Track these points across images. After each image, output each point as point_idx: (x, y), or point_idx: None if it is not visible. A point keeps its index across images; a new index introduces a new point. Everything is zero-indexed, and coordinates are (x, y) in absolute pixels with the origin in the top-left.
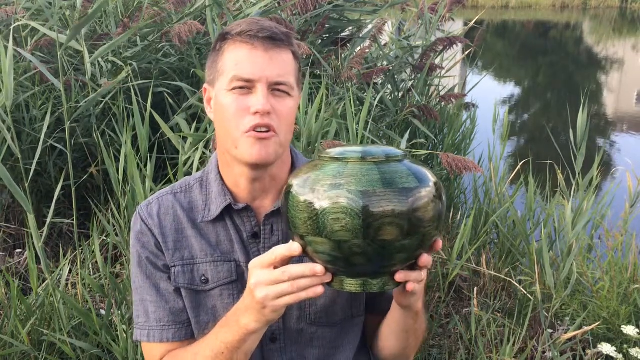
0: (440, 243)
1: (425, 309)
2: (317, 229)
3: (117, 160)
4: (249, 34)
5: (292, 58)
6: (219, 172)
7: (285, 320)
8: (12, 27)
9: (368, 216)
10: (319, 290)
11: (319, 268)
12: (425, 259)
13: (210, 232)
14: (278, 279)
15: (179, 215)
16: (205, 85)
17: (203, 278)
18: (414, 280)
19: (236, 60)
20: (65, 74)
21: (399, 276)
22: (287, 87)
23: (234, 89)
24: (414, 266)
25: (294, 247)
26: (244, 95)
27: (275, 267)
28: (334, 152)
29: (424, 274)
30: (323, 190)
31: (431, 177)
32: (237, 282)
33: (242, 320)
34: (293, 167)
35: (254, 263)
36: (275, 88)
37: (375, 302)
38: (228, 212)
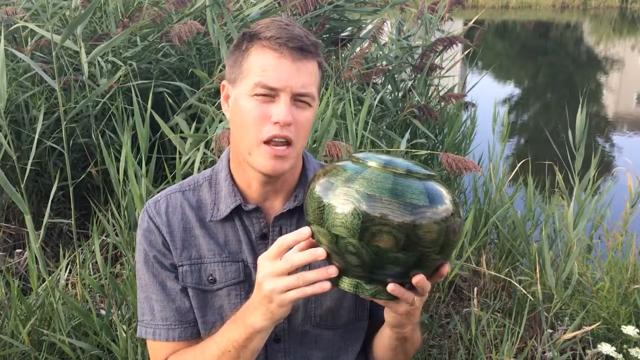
0: (445, 269)
1: (424, 310)
2: (321, 219)
3: (117, 160)
4: (279, 41)
5: (317, 68)
6: (230, 172)
7: (290, 322)
8: (5, 27)
9: (367, 219)
10: (326, 285)
11: (320, 251)
12: (419, 278)
13: (219, 232)
14: (282, 268)
15: (187, 213)
16: (224, 82)
17: (210, 278)
18: (405, 299)
19: (262, 66)
20: (65, 74)
21: (390, 287)
22: (310, 97)
23: (256, 94)
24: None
25: (304, 232)
26: (266, 102)
27: None
28: (362, 155)
29: (417, 301)
30: (336, 185)
31: (447, 203)
32: (245, 283)
33: (249, 319)
34: (304, 169)
35: (262, 256)
36: (297, 99)
37: (375, 310)
38: (237, 212)
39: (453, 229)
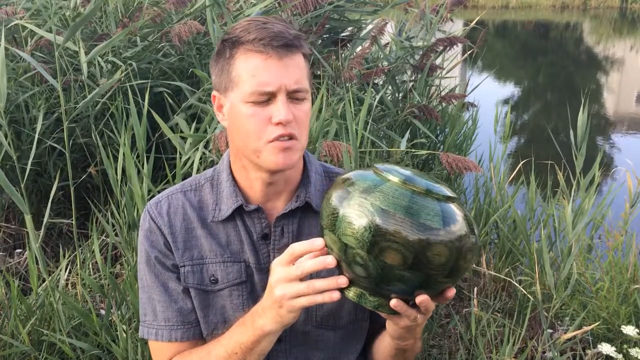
0: (451, 293)
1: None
2: (333, 226)
3: (116, 159)
4: (262, 42)
5: (303, 61)
6: (231, 172)
7: None
8: (5, 27)
9: (377, 234)
10: (335, 295)
11: (330, 259)
12: (423, 298)
13: (220, 232)
14: (293, 274)
15: (188, 214)
16: (214, 93)
17: (212, 278)
18: (407, 316)
19: (252, 71)
20: (65, 74)
21: (393, 303)
22: (303, 92)
23: (253, 100)
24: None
25: (316, 243)
26: (264, 105)
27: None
28: (384, 167)
29: (420, 319)
30: (352, 195)
31: (462, 228)
32: (247, 283)
33: (258, 321)
34: (305, 169)
35: (275, 261)
36: (292, 96)
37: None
38: (239, 212)
39: (464, 255)
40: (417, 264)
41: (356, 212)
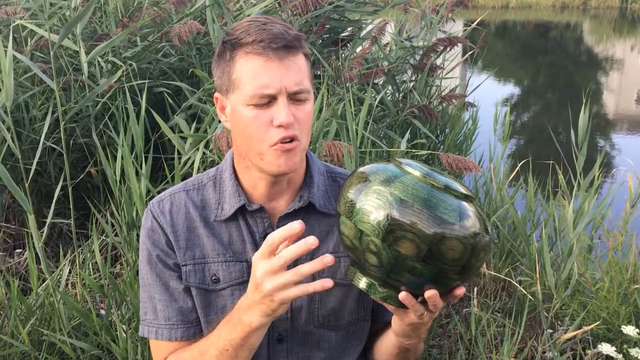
0: (460, 292)
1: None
2: (350, 212)
3: (116, 160)
4: (262, 44)
5: (304, 61)
6: (234, 172)
7: (293, 322)
8: (11, 27)
9: (394, 222)
10: (327, 283)
11: (312, 240)
12: (432, 293)
13: (223, 232)
14: (276, 264)
15: (191, 213)
16: (216, 95)
17: (214, 278)
18: (415, 311)
19: (252, 74)
20: (65, 74)
21: (402, 295)
22: (305, 93)
23: (254, 103)
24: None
25: (294, 226)
26: (265, 108)
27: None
28: (405, 161)
29: (426, 316)
30: (373, 183)
31: (478, 226)
32: (248, 283)
33: (244, 318)
34: (308, 169)
35: (256, 255)
36: (293, 97)
37: (380, 311)
38: (241, 212)
39: (477, 253)
40: (430, 257)
41: (375, 200)
